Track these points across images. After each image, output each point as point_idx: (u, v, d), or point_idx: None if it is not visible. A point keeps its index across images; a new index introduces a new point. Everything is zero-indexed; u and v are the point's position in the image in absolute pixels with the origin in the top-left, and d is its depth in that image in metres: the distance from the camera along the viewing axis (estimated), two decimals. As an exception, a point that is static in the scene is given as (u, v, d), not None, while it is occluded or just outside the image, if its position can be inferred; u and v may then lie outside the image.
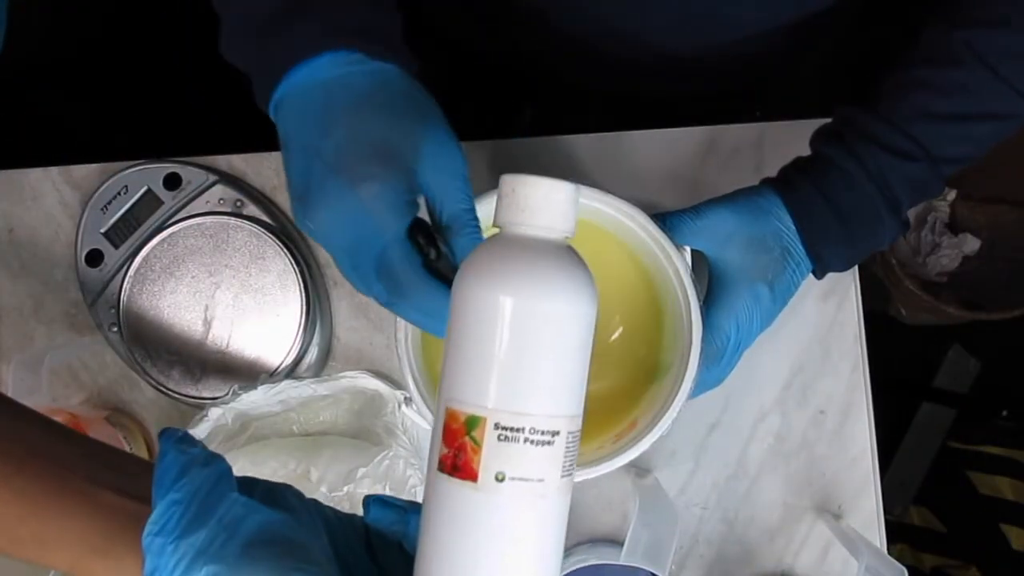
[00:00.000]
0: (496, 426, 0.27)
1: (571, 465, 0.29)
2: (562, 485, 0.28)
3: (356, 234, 0.38)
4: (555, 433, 0.28)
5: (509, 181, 0.29)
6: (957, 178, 1.26)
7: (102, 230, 0.58)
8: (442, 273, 0.39)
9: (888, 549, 0.57)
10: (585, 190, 0.45)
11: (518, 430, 0.27)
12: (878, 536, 0.57)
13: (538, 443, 0.27)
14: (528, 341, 0.27)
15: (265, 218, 0.58)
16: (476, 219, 0.39)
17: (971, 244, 1.28)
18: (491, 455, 0.27)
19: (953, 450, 1.30)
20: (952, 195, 1.29)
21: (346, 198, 0.37)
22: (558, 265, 0.28)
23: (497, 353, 0.27)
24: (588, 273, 0.29)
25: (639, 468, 0.58)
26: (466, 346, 0.28)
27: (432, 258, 0.39)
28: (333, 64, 0.38)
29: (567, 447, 0.28)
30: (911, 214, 1.29)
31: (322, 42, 0.38)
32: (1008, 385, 1.37)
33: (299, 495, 0.32)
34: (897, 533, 1.26)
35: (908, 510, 1.28)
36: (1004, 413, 1.34)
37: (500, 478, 0.27)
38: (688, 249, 0.48)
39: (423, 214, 0.40)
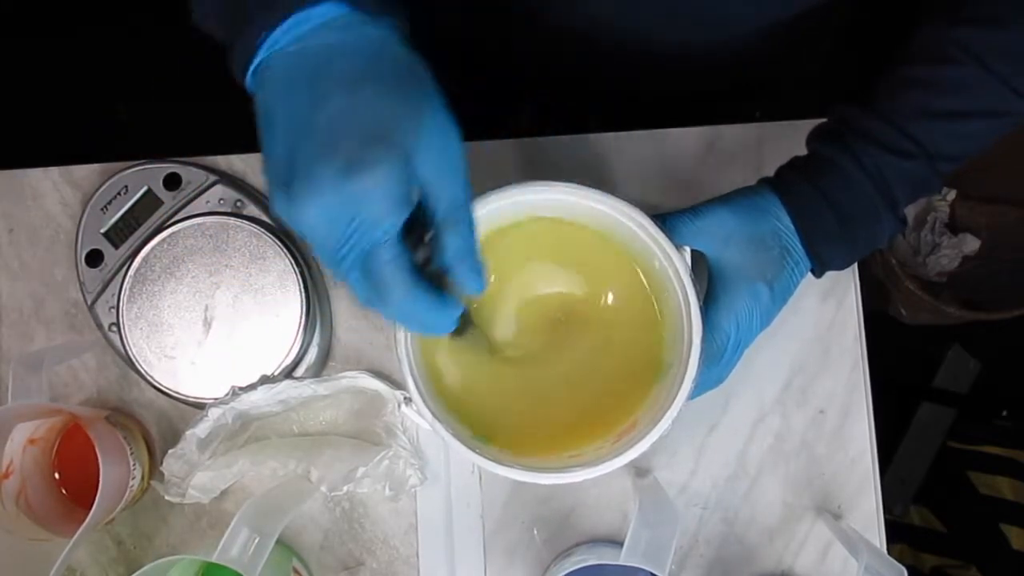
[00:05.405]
0: None
1: None
2: None
3: (346, 228, 0.33)
4: None
5: None
6: (957, 178, 1.27)
7: (102, 230, 0.58)
8: (430, 273, 0.36)
9: (888, 549, 0.57)
10: (585, 190, 0.46)
11: None
12: (878, 536, 0.57)
13: None
14: None
15: (265, 218, 0.58)
16: (472, 216, 0.36)
17: (971, 244, 1.28)
18: None
19: (953, 450, 1.30)
20: (952, 195, 1.29)
21: (341, 189, 0.32)
22: None
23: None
24: None
25: (639, 468, 0.58)
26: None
27: (420, 260, 0.36)
28: (327, 29, 0.35)
29: None
30: (910, 214, 1.29)
31: None
32: (1008, 385, 1.37)
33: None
34: (897, 533, 1.26)
35: (908, 510, 1.28)
36: (1004, 413, 1.34)
37: None
38: (688, 249, 0.48)
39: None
